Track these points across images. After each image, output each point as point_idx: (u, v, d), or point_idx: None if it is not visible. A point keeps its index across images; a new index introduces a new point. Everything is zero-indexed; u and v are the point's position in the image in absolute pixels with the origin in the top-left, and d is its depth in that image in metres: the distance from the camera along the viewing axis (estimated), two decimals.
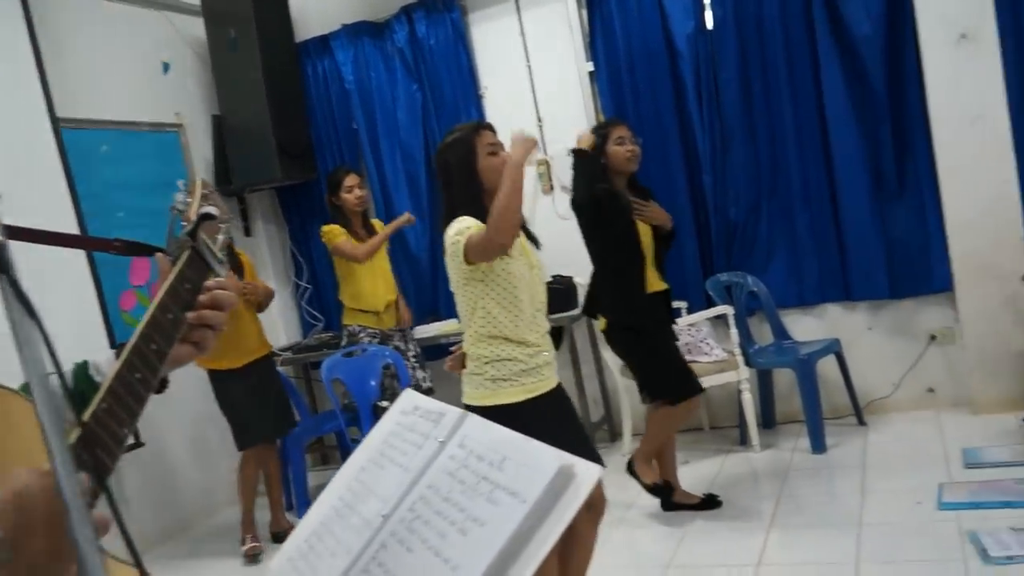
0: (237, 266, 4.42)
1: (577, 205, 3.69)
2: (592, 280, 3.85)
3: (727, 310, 4.64)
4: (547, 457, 1.04)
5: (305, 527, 1.27)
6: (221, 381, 4.37)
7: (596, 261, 3.82)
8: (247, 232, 5.89)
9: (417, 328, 5.26)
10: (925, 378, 4.87)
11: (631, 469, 3.91)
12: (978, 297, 4.50)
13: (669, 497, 3.93)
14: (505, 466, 1.09)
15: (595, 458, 2.74)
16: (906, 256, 4.76)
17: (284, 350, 5.57)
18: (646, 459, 3.89)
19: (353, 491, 1.26)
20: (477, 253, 2.50)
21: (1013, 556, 2.98)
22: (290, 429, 4.70)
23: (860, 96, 4.70)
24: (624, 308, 3.71)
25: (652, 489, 3.85)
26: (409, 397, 1.43)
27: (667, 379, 3.78)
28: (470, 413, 1.28)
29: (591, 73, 5.27)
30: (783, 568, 3.28)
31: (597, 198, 3.58)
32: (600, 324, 3.85)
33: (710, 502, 3.94)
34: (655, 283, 3.76)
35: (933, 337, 4.83)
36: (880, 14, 4.58)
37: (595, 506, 2.73)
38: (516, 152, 2.54)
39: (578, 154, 3.69)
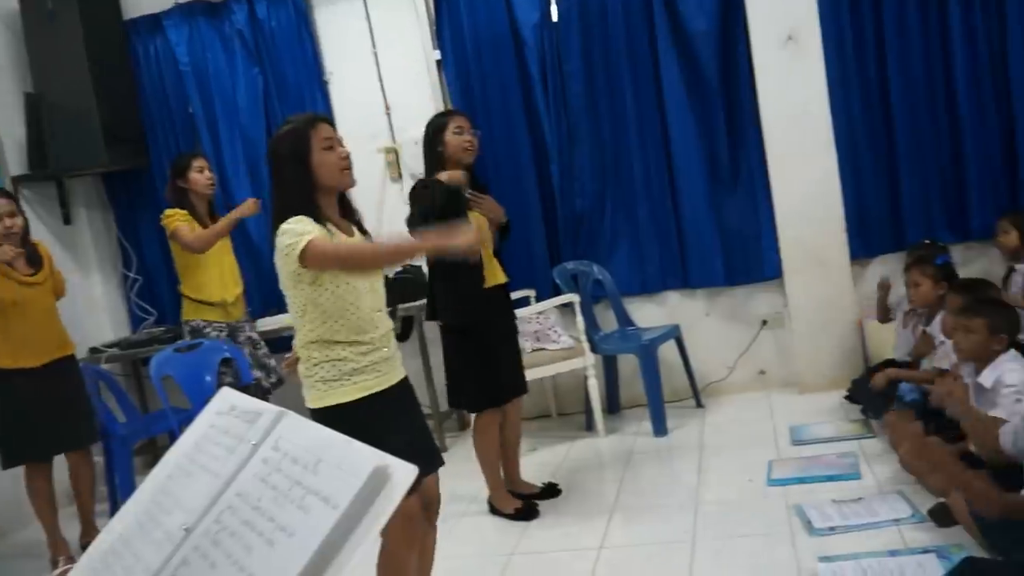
0: (35, 257, 4.07)
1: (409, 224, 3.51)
2: (429, 281, 3.80)
3: (573, 298, 4.71)
4: (362, 459, 0.99)
5: (103, 541, 1.17)
6: (7, 380, 3.92)
7: (429, 262, 3.76)
8: (66, 220, 5.45)
9: (260, 320, 5.06)
10: (758, 361, 5.12)
11: (491, 509, 3.86)
12: (805, 283, 4.78)
13: (535, 509, 3.81)
14: (319, 469, 1.03)
15: (434, 454, 2.70)
16: (740, 244, 4.99)
17: (110, 346, 5.21)
18: (495, 489, 3.84)
19: (157, 501, 1.16)
20: (315, 263, 2.35)
21: (835, 527, 3.17)
22: (90, 441, 4.26)
23: (696, 89, 4.88)
24: (453, 310, 3.64)
25: (517, 516, 3.78)
26: (225, 396, 1.35)
27: (465, 387, 3.71)
28: (287, 412, 1.21)
29: (438, 62, 5.21)
30: (624, 550, 3.36)
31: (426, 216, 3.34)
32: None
33: (550, 491, 3.97)
34: (494, 276, 3.72)
35: (764, 322, 5.09)
36: (714, 11, 4.77)
37: (431, 505, 2.67)
38: (436, 242, 2.45)
39: (423, 189, 3.52)
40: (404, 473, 0.97)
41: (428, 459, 2.56)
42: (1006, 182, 4.68)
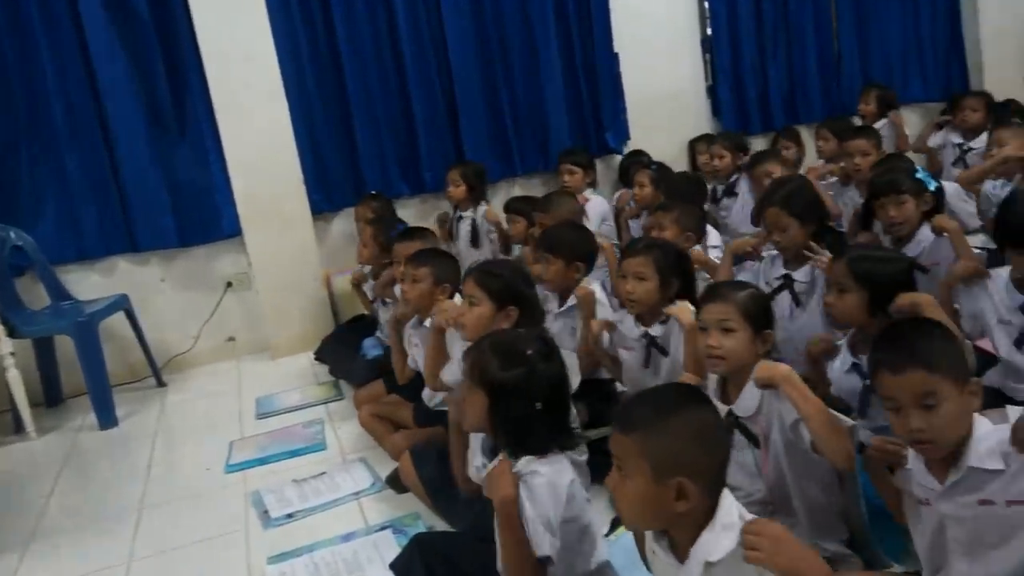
0: None
1: None
2: None
3: None
4: None
5: None
6: None
7: None
8: None
9: None
10: (225, 327, 4.70)
11: None
12: (266, 240, 4.44)
13: None
14: None
15: None
16: (193, 200, 4.47)
17: None
18: None
19: None
20: None
21: (293, 513, 2.91)
22: None
23: (126, 23, 4.18)
24: None
25: None
26: None
27: None
28: None
29: None
30: None
31: None
32: None
33: None
34: None
35: (230, 284, 4.67)
36: None
37: None
38: None
39: None
40: None
41: None
42: (451, 136, 4.85)
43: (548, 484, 1.86)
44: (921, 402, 1.58)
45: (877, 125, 5.15)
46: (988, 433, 1.62)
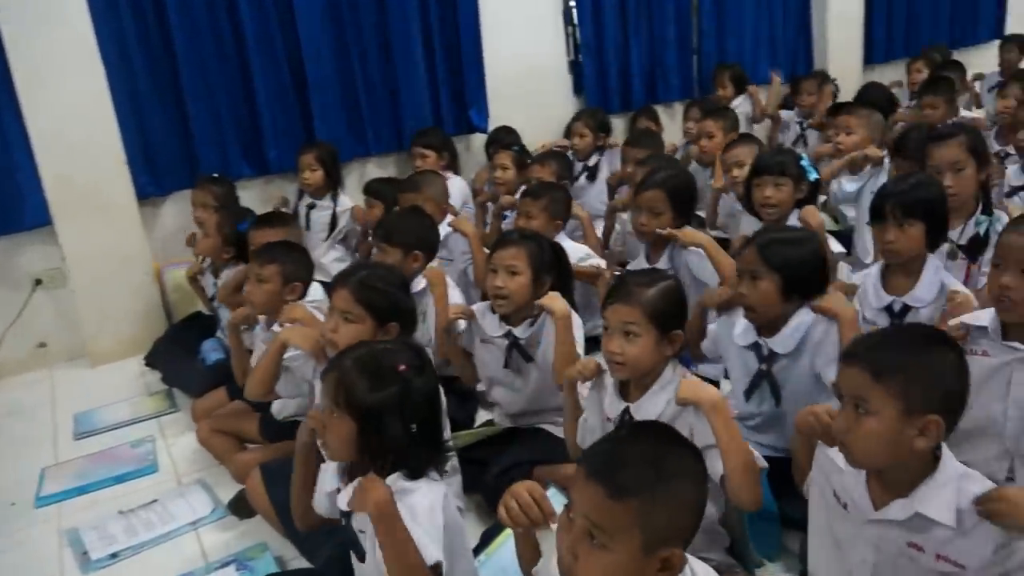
0: None
1: None
2: None
3: None
4: None
5: None
6: None
7: None
8: None
9: None
10: (34, 331, 4.07)
11: None
12: (83, 230, 3.86)
13: None
14: None
15: None
16: None
17: None
18: None
19: None
20: None
21: (119, 552, 2.49)
22: None
23: None
24: None
25: None
26: None
27: None
28: None
29: None
30: None
31: None
32: None
33: None
34: None
35: (39, 281, 4.04)
36: None
37: None
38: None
39: None
40: None
41: None
42: (298, 112, 4.42)
43: (427, 504, 1.62)
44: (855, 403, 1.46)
45: (735, 103, 5.19)
46: (949, 480, 1.46)
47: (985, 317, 1.99)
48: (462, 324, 2.63)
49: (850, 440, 1.47)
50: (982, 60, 6.56)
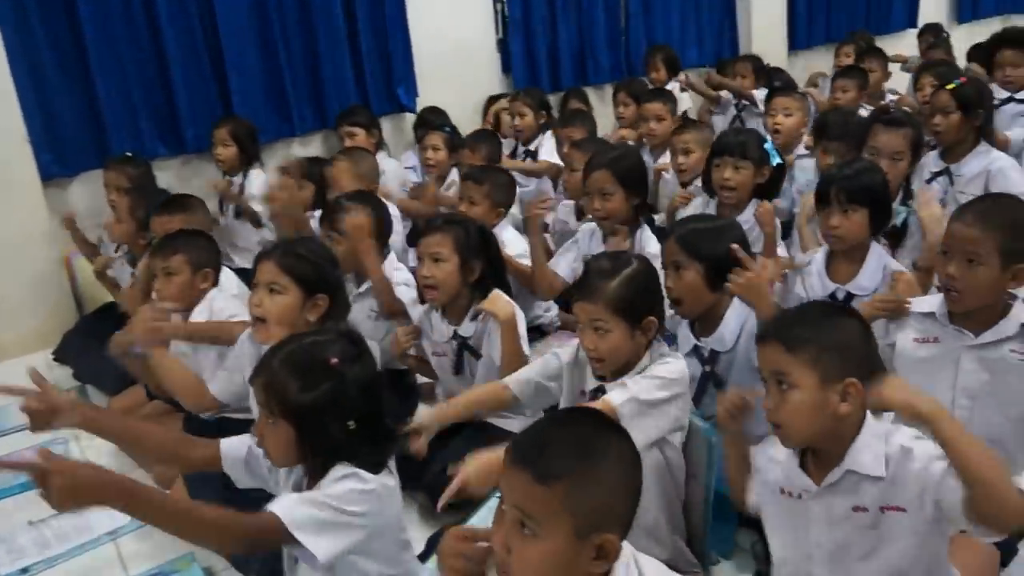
0: None
1: None
2: None
3: None
4: None
5: None
6: None
7: None
8: None
9: None
10: None
11: None
12: None
13: None
14: None
15: None
16: None
17: None
18: None
19: None
20: None
21: (29, 567, 2.31)
22: None
23: None
24: None
25: None
26: None
27: None
28: None
29: None
30: None
31: None
32: None
33: None
34: None
35: None
36: None
37: None
38: None
39: None
40: None
41: None
42: (216, 89, 4.21)
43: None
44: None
45: (669, 87, 5.16)
46: (875, 436, 1.49)
47: (931, 303, 2.00)
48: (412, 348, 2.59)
49: (781, 418, 1.49)
50: (896, 48, 6.72)
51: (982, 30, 6.77)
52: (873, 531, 1.50)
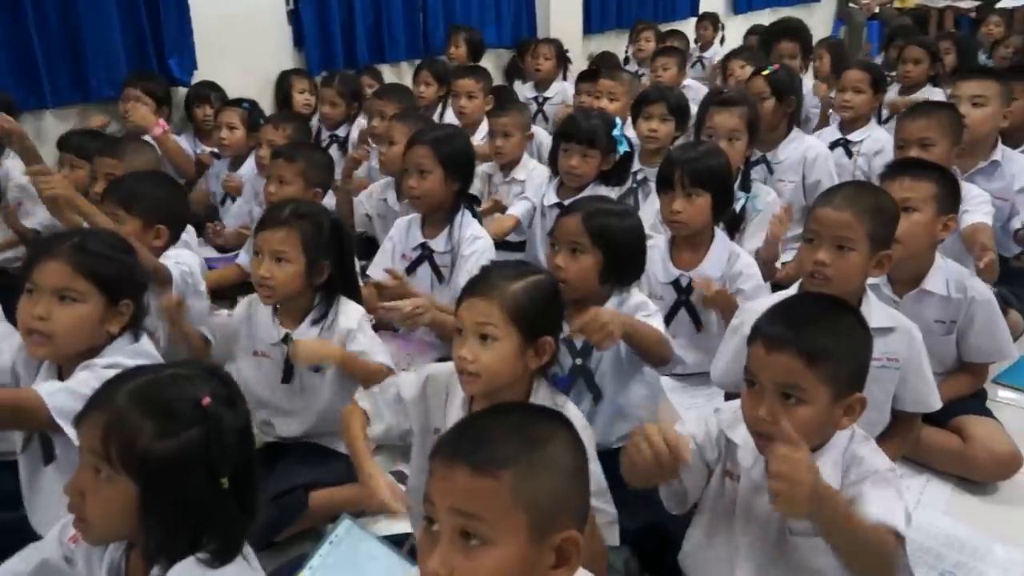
0: None
1: None
2: None
3: None
4: None
5: None
6: None
7: None
8: None
9: None
10: None
11: None
12: None
13: None
14: None
15: None
16: None
17: None
18: None
19: None
20: None
21: None
22: None
23: None
24: None
25: None
26: None
27: None
28: None
29: None
30: None
31: None
32: None
33: None
34: None
35: None
36: None
37: None
38: None
39: None
40: None
41: None
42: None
43: None
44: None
45: None
46: (834, 446, 1.39)
47: (789, 295, 1.91)
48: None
49: (779, 433, 1.28)
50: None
51: (757, 20, 7.15)
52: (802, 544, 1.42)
